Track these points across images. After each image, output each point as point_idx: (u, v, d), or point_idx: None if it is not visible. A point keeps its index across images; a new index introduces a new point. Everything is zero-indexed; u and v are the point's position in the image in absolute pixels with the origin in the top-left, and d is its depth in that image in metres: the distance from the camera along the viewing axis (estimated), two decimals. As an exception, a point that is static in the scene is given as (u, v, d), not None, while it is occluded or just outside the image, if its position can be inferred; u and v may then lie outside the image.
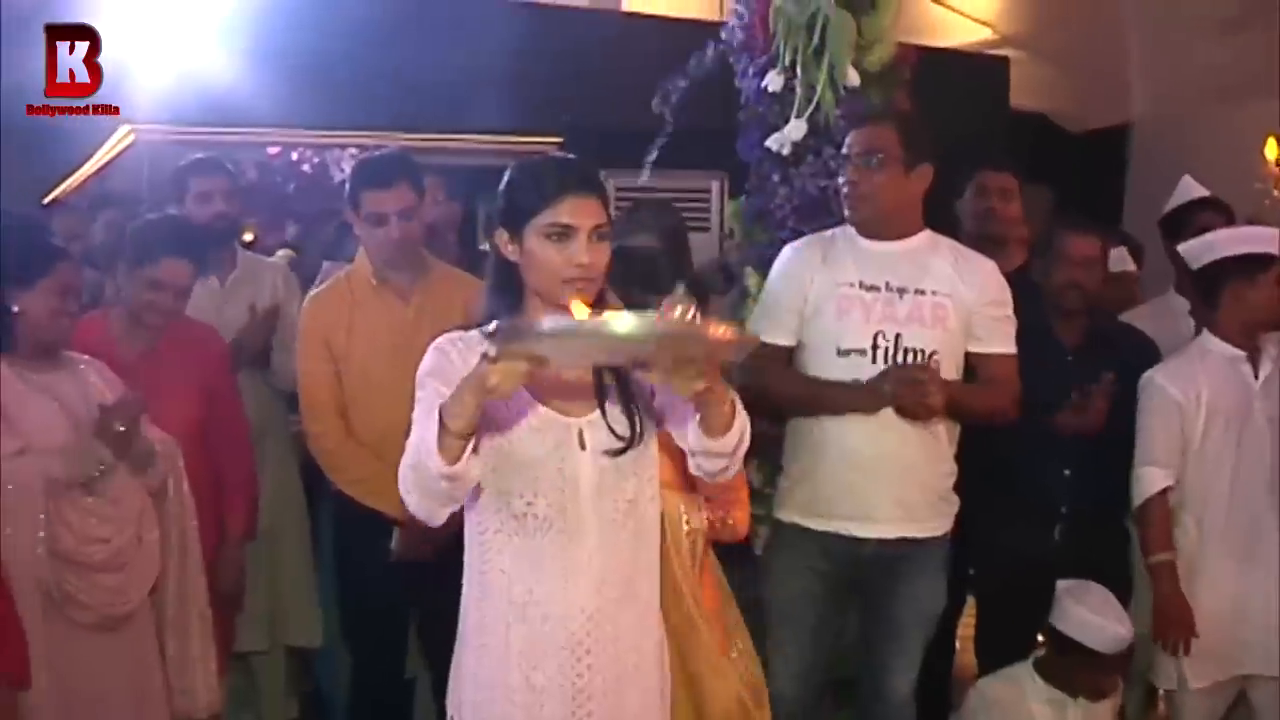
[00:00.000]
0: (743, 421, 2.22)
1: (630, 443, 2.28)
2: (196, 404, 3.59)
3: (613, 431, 2.28)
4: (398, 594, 3.57)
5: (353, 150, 7.18)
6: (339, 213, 5.20)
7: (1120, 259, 4.52)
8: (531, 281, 2.26)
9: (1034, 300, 3.63)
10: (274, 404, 4.15)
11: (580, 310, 1.99)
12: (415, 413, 2.23)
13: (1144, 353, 3.84)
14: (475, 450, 2.08)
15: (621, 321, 1.89)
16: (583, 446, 2.26)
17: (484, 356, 1.96)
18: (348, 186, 3.58)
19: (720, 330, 1.96)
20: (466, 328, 2.31)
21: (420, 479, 2.11)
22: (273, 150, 7.44)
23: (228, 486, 3.73)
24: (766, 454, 3.68)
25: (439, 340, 2.31)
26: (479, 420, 2.07)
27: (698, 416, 2.19)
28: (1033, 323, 3.48)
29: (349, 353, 3.52)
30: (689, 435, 2.26)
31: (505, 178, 2.30)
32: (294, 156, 7.51)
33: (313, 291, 3.74)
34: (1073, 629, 3.46)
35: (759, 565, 3.52)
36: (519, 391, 2.20)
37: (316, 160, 7.53)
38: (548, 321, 1.92)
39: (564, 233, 2.19)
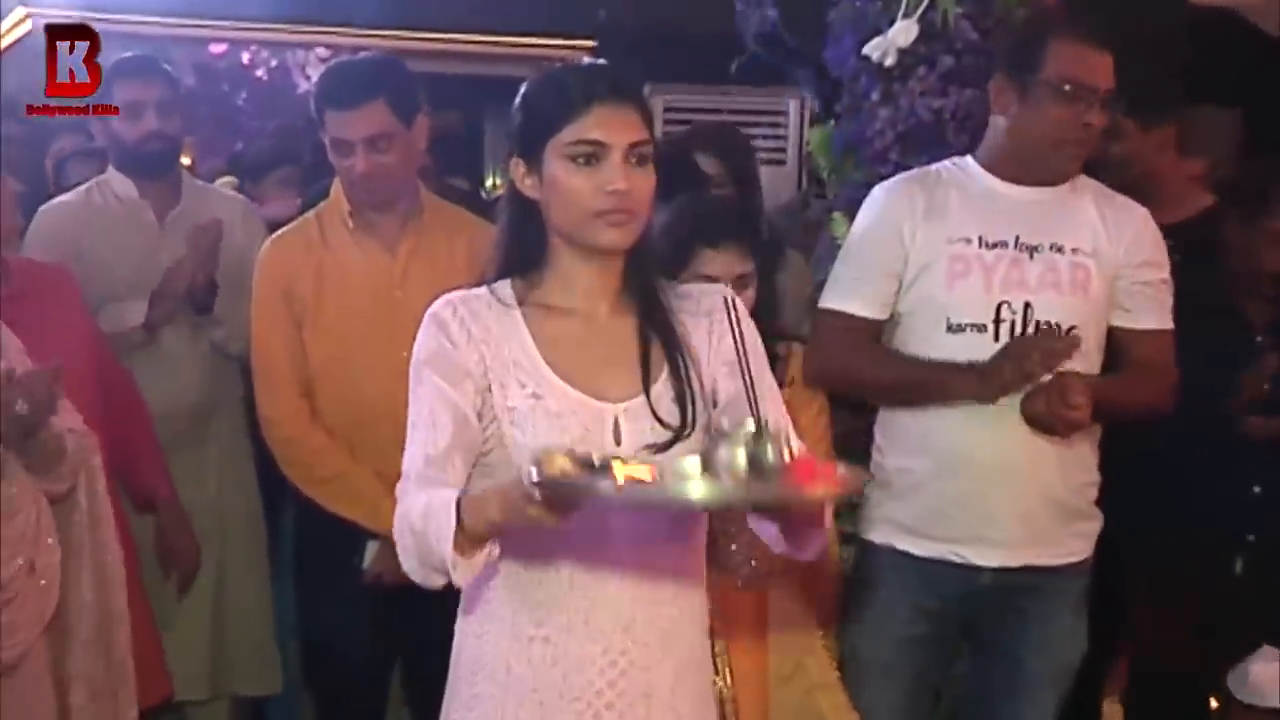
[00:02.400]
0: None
1: (679, 434, 2.32)
2: (89, 360, 3.62)
3: (659, 420, 2.31)
4: (374, 626, 3.65)
5: (321, 50, 7.23)
6: (298, 131, 5.26)
7: None
8: (556, 220, 2.30)
9: (1208, 264, 3.64)
10: (224, 371, 4.20)
11: (626, 470, 2.00)
12: (412, 415, 2.30)
13: None
14: (497, 553, 2.14)
15: (694, 481, 1.96)
16: (618, 440, 2.29)
17: (531, 483, 1.98)
18: (312, 105, 3.63)
19: (823, 483, 2.04)
20: (475, 284, 2.37)
21: (422, 551, 2.16)
22: (217, 48, 7.49)
23: (138, 448, 3.80)
24: (851, 453, 3.73)
25: (437, 306, 2.35)
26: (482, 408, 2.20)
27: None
28: (1207, 293, 3.49)
29: (317, 314, 3.58)
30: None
31: (520, 94, 2.34)
32: (245, 58, 7.56)
33: (275, 235, 3.79)
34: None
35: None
36: (536, 365, 2.29)
37: (275, 63, 7.58)
38: (602, 483, 1.96)
39: (593, 152, 2.23)
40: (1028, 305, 3.27)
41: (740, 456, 1.94)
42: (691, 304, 2.43)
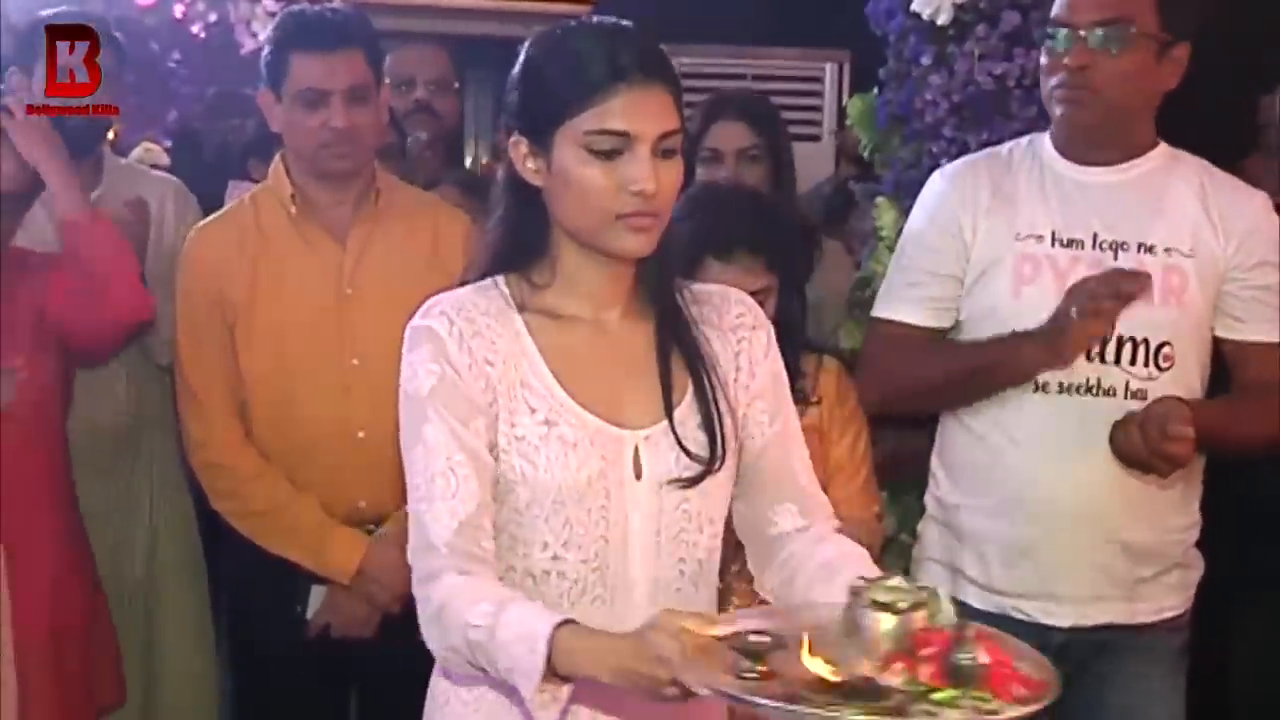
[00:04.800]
0: None
1: (709, 467, 2.35)
2: (42, 370, 3.61)
3: (684, 450, 2.34)
4: (321, 686, 3.68)
5: (269, 4, 7.27)
6: (249, 100, 5.30)
7: None
8: (563, 215, 2.30)
9: None
10: (155, 384, 4.20)
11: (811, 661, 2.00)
12: (421, 463, 2.27)
13: None
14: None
15: None
16: (638, 474, 2.32)
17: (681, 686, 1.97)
18: (267, 52, 3.66)
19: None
20: (459, 282, 2.38)
21: (478, 662, 2.16)
22: (144, 1, 7.52)
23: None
24: (901, 484, 3.76)
25: (429, 318, 2.31)
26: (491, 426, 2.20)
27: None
28: None
29: (252, 318, 3.60)
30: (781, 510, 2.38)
31: (523, 58, 2.33)
32: (179, 12, 7.59)
33: (201, 222, 3.82)
34: None
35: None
36: (548, 386, 2.29)
37: (214, 19, 7.61)
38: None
39: (617, 143, 2.22)
40: None
41: (900, 629, 2.00)
42: (713, 313, 2.45)
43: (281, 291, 3.60)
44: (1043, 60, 3.33)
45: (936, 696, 1.98)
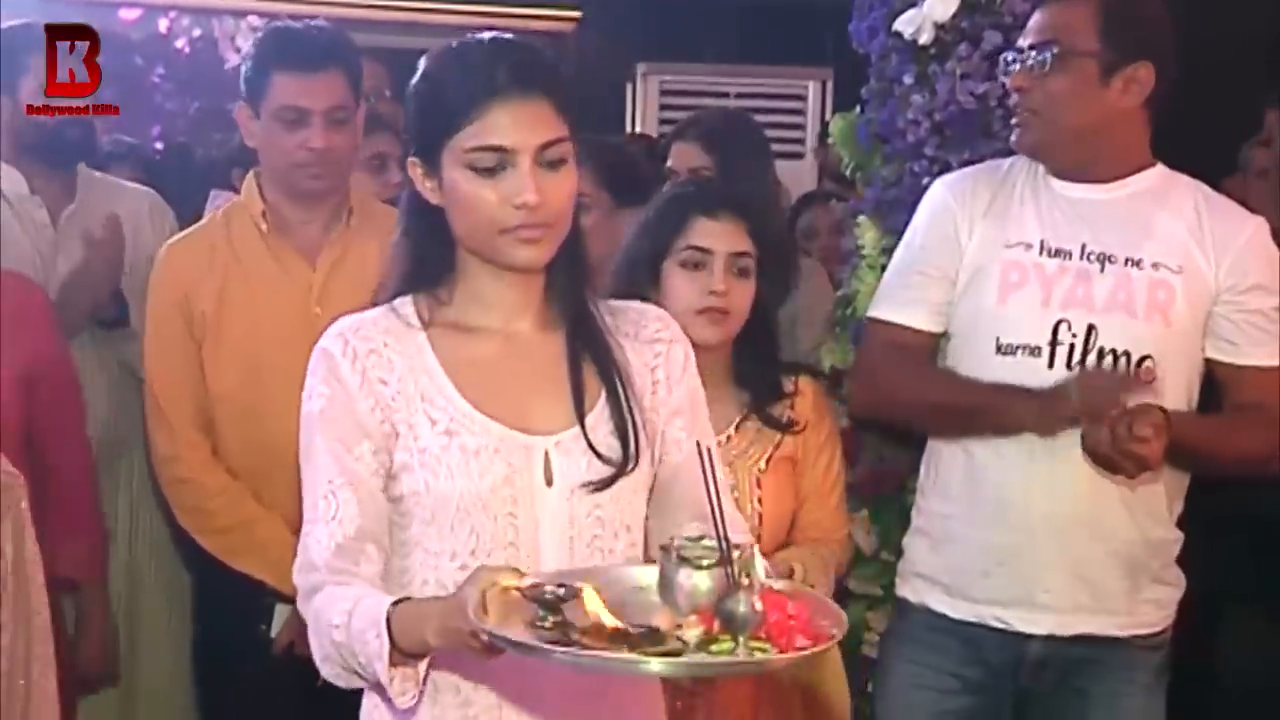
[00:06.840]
0: None
1: (620, 469, 2.35)
2: (15, 397, 3.58)
3: (596, 454, 2.34)
4: (286, 703, 3.65)
5: (253, 19, 7.28)
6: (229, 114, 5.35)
7: None
8: (459, 232, 2.33)
9: None
10: (136, 397, 4.15)
11: (592, 600, 2.03)
12: (307, 480, 2.33)
13: None
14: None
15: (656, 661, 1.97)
16: (549, 480, 2.33)
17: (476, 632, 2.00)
18: (247, 68, 3.67)
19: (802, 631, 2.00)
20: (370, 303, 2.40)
21: (345, 661, 2.22)
22: (129, 15, 7.53)
23: (61, 512, 3.68)
24: (887, 499, 3.76)
25: (327, 339, 2.37)
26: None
27: None
28: None
29: (220, 334, 3.60)
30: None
31: (415, 78, 2.36)
32: (163, 26, 7.61)
33: (172, 238, 3.82)
34: None
35: (869, 668, 3.61)
36: (449, 396, 2.32)
37: (198, 34, 7.63)
38: (559, 653, 1.94)
39: (498, 159, 2.25)
40: (1091, 328, 3.26)
41: (703, 584, 2.00)
42: (630, 325, 2.47)
43: (250, 308, 3.61)
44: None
45: (715, 647, 2.00)
